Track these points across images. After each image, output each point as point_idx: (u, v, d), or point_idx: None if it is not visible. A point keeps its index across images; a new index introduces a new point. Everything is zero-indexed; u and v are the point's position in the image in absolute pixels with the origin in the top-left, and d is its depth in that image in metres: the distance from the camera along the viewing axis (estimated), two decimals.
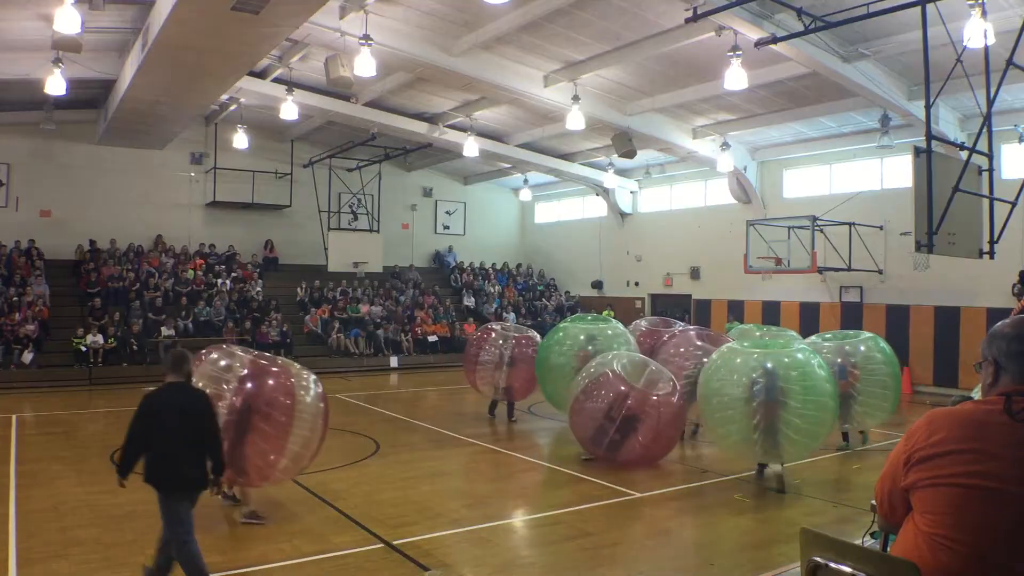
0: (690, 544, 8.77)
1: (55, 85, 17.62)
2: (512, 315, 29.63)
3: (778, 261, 21.95)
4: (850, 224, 21.12)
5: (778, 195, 24.77)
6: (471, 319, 28.79)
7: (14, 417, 15.72)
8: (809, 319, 23.38)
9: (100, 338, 21.88)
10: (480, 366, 16.04)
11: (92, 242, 25.87)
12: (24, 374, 20.49)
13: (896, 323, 21.38)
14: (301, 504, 9.58)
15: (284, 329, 25.04)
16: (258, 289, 27.09)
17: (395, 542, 8.10)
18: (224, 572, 7.08)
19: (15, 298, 22.58)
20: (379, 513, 9.20)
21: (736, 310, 25.64)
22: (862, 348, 12.95)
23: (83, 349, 21.41)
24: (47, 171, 25.50)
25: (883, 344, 13.05)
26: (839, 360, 12.57)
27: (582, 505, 9.76)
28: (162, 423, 6.19)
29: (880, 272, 21.72)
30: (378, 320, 27.28)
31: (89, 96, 23.11)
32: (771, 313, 24.48)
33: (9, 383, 20.04)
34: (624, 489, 10.44)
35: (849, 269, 21.37)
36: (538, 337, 16.28)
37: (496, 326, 17.18)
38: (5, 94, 21.87)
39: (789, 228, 21.76)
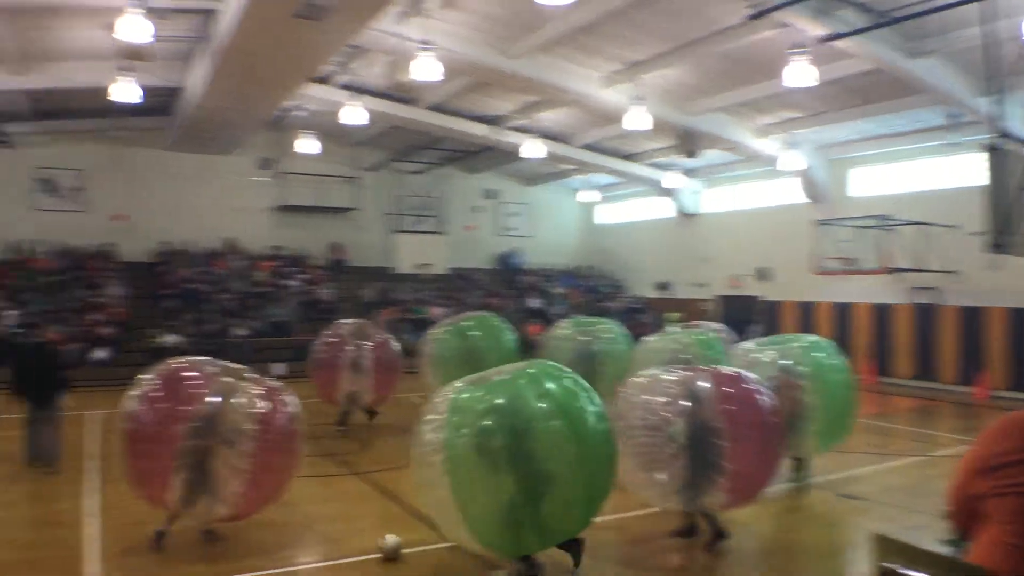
0: (760, 551, 8.71)
1: (124, 93, 18.20)
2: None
3: (848, 261, 21.54)
4: (920, 223, 20.63)
5: (845, 194, 24.28)
6: (536, 320, 28.82)
7: (92, 414, 16.28)
8: (881, 321, 22.91)
9: (175, 338, 22.52)
10: None
11: (167, 245, 26.70)
12: (103, 372, 21.18)
13: (970, 325, 20.81)
14: (366, 501, 9.74)
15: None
16: (327, 290, 27.56)
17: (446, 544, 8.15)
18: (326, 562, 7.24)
19: (92, 299, 23.42)
20: None
21: (806, 312, 25.19)
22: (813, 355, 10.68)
23: (160, 347, 22.04)
24: (120, 177, 26.43)
25: (832, 348, 11.07)
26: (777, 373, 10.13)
27: (645, 510, 9.71)
28: None
29: (952, 273, 21.13)
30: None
31: (159, 103, 23.76)
32: (842, 315, 24.00)
33: (87, 381, 20.73)
34: None
35: (920, 270, 20.87)
36: None
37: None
38: (78, 102, 22.75)
39: (858, 228, 21.35)
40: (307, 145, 24.78)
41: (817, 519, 9.48)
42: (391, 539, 7.81)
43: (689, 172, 28.62)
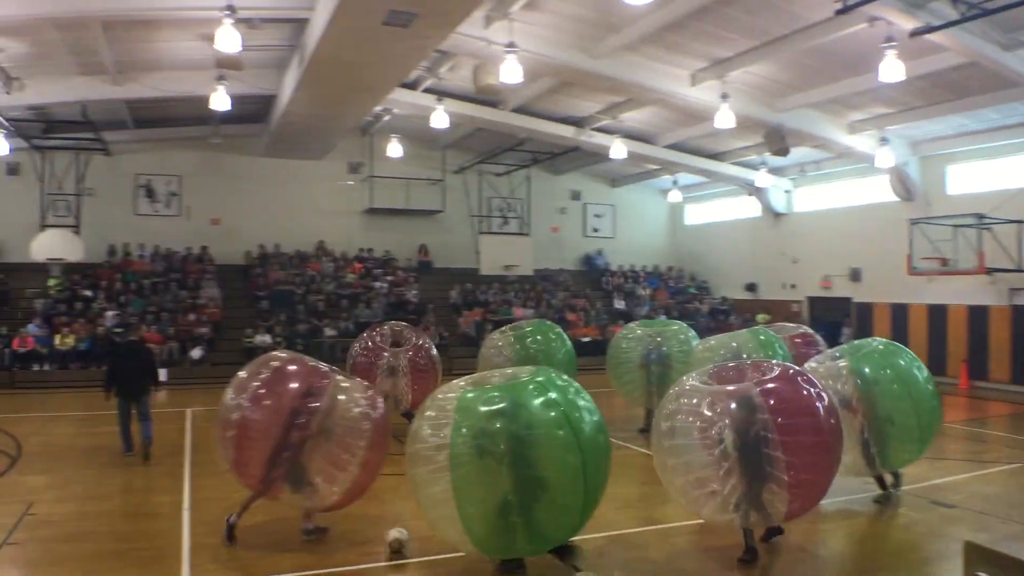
0: (849, 558, 8.53)
1: (219, 101, 18.83)
2: (663, 318, 29.34)
3: (943, 262, 20.88)
4: (1020, 221, 19.89)
5: (941, 191, 23.47)
6: (622, 322, 28.68)
7: (188, 411, 16.88)
8: (978, 323, 22.13)
9: (268, 338, 23.17)
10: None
11: (261, 247, 27.52)
12: (198, 370, 21.90)
13: None
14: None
15: (440, 331, 25.68)
16: (413, 292, 27.96)
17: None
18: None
19: (188, 301, 24.27)
20: None
21: (899, 314, 24.49)
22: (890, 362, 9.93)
23: (253, 347, 22.69)
24: (215, 182, 27.37)
25: (910, 355, 10.23)
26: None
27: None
28: None
29: None
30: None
31: (252, 111, 24.55)
32: (937, 317, 23.24)
33: (184, 379, 21.54)
34: None
35: (1019, 270, 20.11)
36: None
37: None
38: (175, 110, 23.67)
39: (954, 227, 20.69)
40: (395, 149, 25.24)
41: (909, 527, 9.24)
42: (394, 533, 7.98)
43: (776, 170, 28.10)
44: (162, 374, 21.22)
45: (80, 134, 22.72)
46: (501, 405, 6.87)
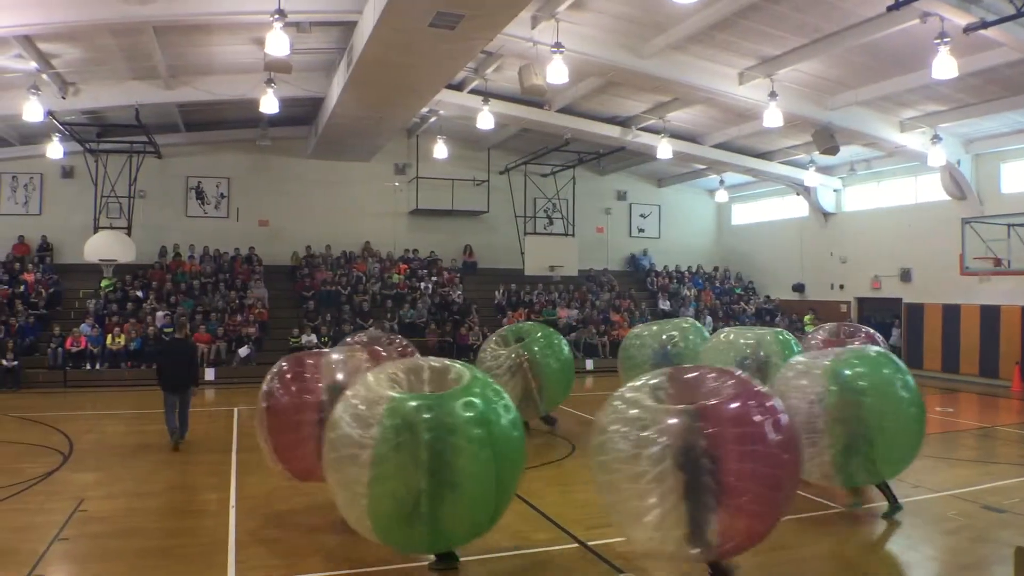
0: (898, 563, 8.37)
1: (268, 104, 19.03)
2: (709, 319, 29.13)
3: (997, 262, 20.44)
4: None
5: (995, 190, 22.95)
6: None
7: (235, 409, 17.07)
8: None
9: (314, 338, 23.36)
10: None
11: (307, 248, 27.79)
12: (245, 369, 22.14)
13: None
14: None
15: (484, 332, 25.70)
16: (458, 292, 28.04)
17: (590, 543, 8.19)
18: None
19: (236, 301, 24.59)
20: (574, 513, 9.33)
21: (951, 315, 24.01)
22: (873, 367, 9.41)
23: (299, 347, 22.90)
24: (263, 184, 27.78)
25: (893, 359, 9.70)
26: None
27: (784, 516, 9.48)
28: None
29: None
30: (574, 323, 27.51)
31: (300, 113, 24.85)
32: (990, 318, 22.75)
33: (231, 378, 21.82)
34: (827, 501, 10.00)
35: None
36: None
37: None
38: (224, 113, 24.06)
39: (1009, 226, 20.22)
40: (440, 150, 25.35)
41: (958, 531, 9.02)
42: None
43: (825, 169, 27.73)
44: (210, 373, 21.77)
45: (133, 138, 23.17)
46: (426, 404, 7.06)
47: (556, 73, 16.03)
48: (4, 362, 20.31)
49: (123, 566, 7.63)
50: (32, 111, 18.51)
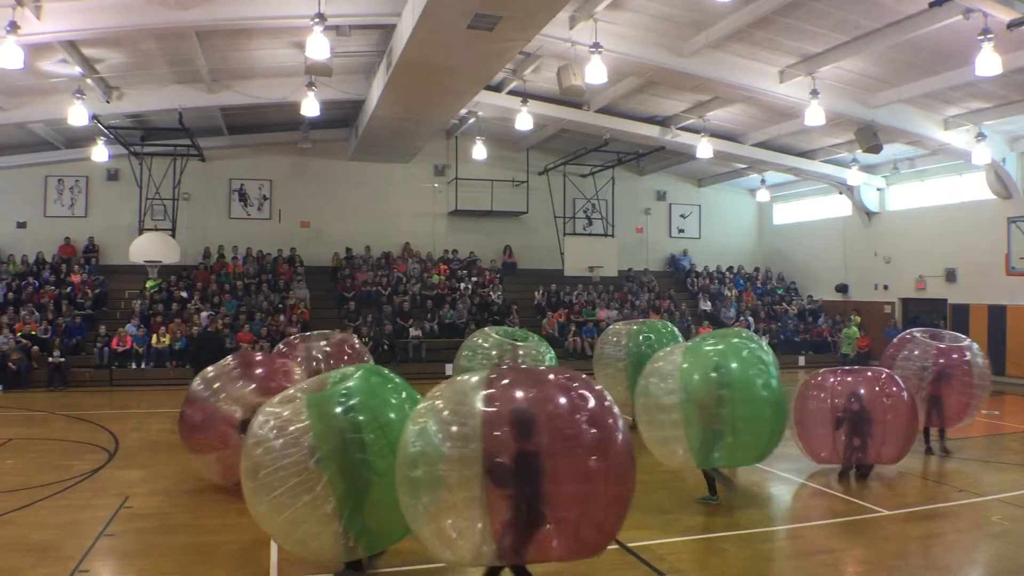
0: (941, 566, 8.19)
1: (309, 107, 19.25)
2: (751, 320, 28.91)
3: None
4: None
5: None
6: (707, 323, 28.33)
7: None
8: None
9: (355, 339, 23.48)
10: None
11: (348, 250, 28.05)
12: None
13: None
14: None
15: None
16: (498, 293, 28.09)
17: (629, 544, 8.15)
18: None
19: (279, 303, 24.86)
20: None
21: (997, 316, 23.58)
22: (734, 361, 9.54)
23: None
24: (305, 185, 28.07)
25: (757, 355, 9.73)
26: None
27: (824, 520, 9.40)
28: None
29: None
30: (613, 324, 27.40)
31: (341, 116, 25.09)
32: None
33: None
34: (869, 505, 9.90)
35: None
36: None
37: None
38: (266, 116, 24.35)
39: None
40: (479, 151, 25.43)
41: (1004, 535, 8.87)
42: None
43: (868, 168, 27.37)
44: None
45: (176, 141, 23.60)
46: (349, 402, 6.91)
47: (594, 73, 16.02)
48: (51, 359, 20.72)
49: (167, 562, 7.75)
50: (77, 115, 18.89)
